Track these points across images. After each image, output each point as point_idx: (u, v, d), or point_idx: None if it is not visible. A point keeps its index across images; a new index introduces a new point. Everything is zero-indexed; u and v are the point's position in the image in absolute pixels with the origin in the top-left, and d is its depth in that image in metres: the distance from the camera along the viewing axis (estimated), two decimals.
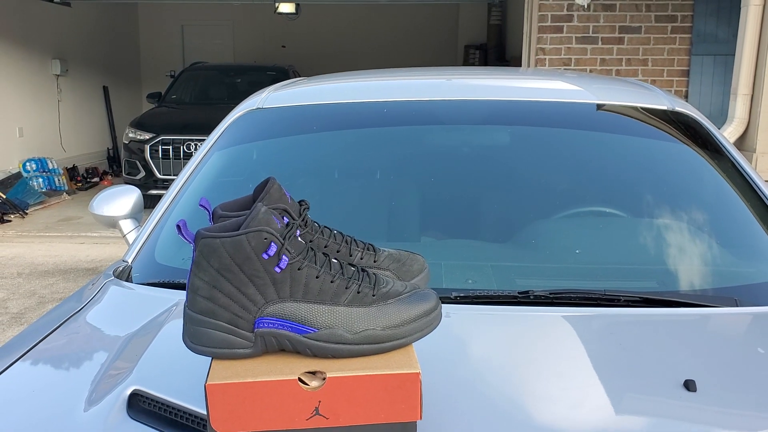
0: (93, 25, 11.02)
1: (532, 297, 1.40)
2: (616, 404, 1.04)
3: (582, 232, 1.70)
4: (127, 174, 7.77)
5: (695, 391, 1.07)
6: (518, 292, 1.42)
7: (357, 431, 0.85)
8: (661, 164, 1.85)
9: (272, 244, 0.86)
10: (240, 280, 0.87)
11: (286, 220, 0.92)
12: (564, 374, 1.11)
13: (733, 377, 1.13)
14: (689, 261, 1.61)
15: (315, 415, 0.84)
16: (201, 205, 0.94)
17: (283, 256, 0.87)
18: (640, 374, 1.13)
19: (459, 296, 1.41)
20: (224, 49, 13.00)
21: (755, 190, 1.74)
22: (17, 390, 1.17)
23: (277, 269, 0.87)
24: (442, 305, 0.96)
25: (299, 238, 0.91)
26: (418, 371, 0.85)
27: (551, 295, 1.41)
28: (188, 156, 7.48)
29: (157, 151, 7.58)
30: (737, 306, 1.42)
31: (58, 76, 9.84)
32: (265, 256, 0.86)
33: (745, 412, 1.04)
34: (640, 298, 1.41)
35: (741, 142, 4.68)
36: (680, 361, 1.17)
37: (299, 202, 1.01)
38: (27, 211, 7.79)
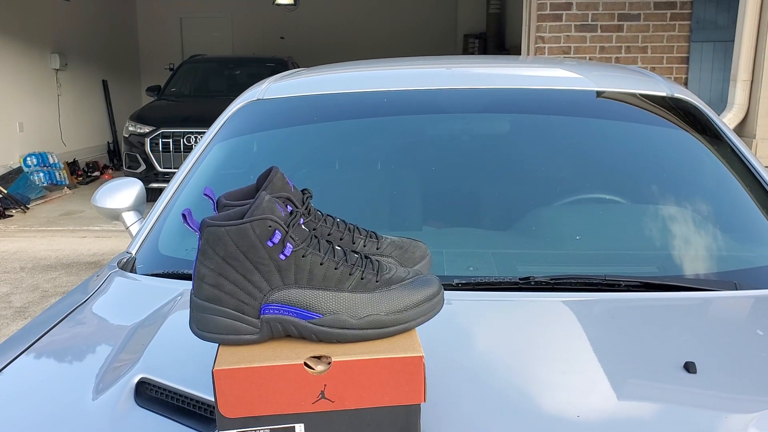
0: (91, 18, 11.01)
1: (533, 283, 1.42)
2: (617, 387, 1.05)
3: (583, 218, 1.71)
4: (128, 167, 7.77)
5: (695, 373, 1.08)
6: (519, 279, 1.43)
7: (362, 414, 0.87)
8: (661, 150, 1.86)
9: (276, 231, 0.88)
10: (245, 267, 0.88)
11: (289, 208, 0.93)
12: (565, 358, 1.13)
13: (734, 359, 1.14)
14: (689, 246, 1.62)
15: (321, 398, 0.85)
16: (205, 195, 0.95)
17: (288, 244, 0.88)
18: (641, 357, 1.14)
19: (461, 283, 1.42)
20: (223, 42, 12.98)
21: (755, 176, 1.75)
22: (25, 380, 1.19)
23: (282, 256, 0.88)
24: (444, 292, 0.98)
25: (303, 226, 0.92)
26: (421, 355, 0.86)
27: (552, 281, 1.42)
28: (188, 149, 7.48)
29: (158, 144, 7.58)
30: (737, 289, 1.43)
31: (57, 70, 9.84)
32: (270, 244, 0.87)
33: (745, 393, 1.05)
34: (640, 282, 1.42)
35: (741, 129, 4.68)
36: (681, 345, 1.18)
37: (302, 190, 1.02)
38: (28, 206, 7.80)
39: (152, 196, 6.78)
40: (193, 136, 7.51)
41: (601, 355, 1.14)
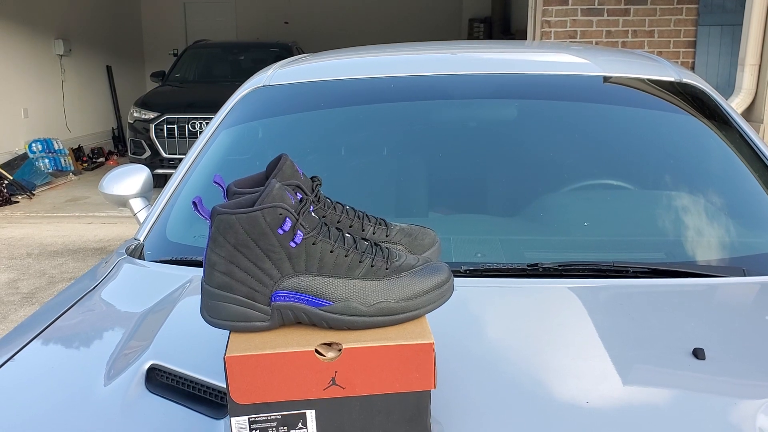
0: (95, 4, 10.97)
1: (541, 269, 1.42)
2: (625, 374, 1.06)
3: (590, 204, 1.71)
4: (133, 153, 7.78)
5: (704, 359, 1.09)
6: (527, 265, 1.43)
7: (373, 401, 0.87)
8: (669, 136, 1.85)
9: (287, 219, 0.88)
10: (256, 255, 0.88)
11: (299, 196, 0.93)
12: (573, 345, 1.13)
13: (742, 346, 1.14)
14: (697, 232, 1.61)
15: (332, 385, 0.86)
16: (215, 182, 0.95)
17: (298, 231, 0.88)
18: (649, 344, 1.14)
19: (468, 270, 1.43)
20: (227, 27, 12.93)
21: (763, 161, 1.75)
22: (36, 367, 1.19)
23: (293, 244, 0.88)
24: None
25: (313, 214, 0.92)
26: (431, 341, 0.87)
27: (560, 268, 1.42)
28: (193, 135, 7.48)
29: (162, 130, 7.58)
30: (745, 276, 1.43)
31: (62, 56, 9.82)
32: (281, 232, 0.88)
33: (754, 379, 1.05)
34: (648, 268, 1.42)
35: (748, 114, 4.65)
36: (689, 331, 1.18)
37: (311, 178, 1.02)
38: (34, 192, 7.82)
39: (157, 182, 6.80)
40: (197, 122, 7.50)
41: (609, 342, 1.14)
